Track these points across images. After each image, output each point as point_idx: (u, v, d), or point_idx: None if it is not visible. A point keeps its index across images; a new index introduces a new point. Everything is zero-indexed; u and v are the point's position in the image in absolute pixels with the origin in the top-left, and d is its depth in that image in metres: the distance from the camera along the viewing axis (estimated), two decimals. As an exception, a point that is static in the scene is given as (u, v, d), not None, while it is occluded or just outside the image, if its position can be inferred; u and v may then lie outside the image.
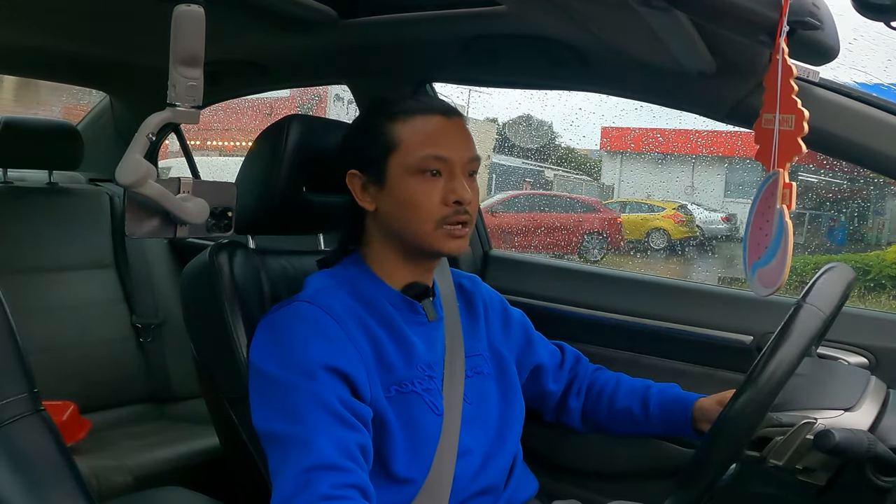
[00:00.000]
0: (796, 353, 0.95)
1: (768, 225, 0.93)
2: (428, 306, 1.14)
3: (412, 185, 1.07)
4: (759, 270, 0.94)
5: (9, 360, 0.78)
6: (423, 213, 1.07)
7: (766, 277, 0.93)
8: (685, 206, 6.68)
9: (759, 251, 0.94)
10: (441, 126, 1.09)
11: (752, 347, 1.40)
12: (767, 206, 0.93)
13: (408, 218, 1.08)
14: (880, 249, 5.35)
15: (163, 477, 1.67)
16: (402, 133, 1.08)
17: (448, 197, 1.07)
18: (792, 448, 0.99)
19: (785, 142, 0.93)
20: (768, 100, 0.94)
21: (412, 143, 1.07)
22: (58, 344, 1.94)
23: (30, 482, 0.74)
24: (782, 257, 0.90)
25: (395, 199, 1.08)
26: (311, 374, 0.97)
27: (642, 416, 1.26)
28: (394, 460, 1.03)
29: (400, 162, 1.07)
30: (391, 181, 1.08)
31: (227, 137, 7.90)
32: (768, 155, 0.94)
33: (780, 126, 0.92)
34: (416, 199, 1.07)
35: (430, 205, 1.07)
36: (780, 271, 0.90)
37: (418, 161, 1.07)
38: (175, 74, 0.89)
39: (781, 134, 0.93)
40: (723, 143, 6.27)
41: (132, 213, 0.94)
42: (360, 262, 1.14)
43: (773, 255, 0.92)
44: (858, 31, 1.35)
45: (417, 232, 1.08)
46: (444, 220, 1.07)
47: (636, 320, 1.53)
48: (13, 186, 2.05)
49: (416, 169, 1.07)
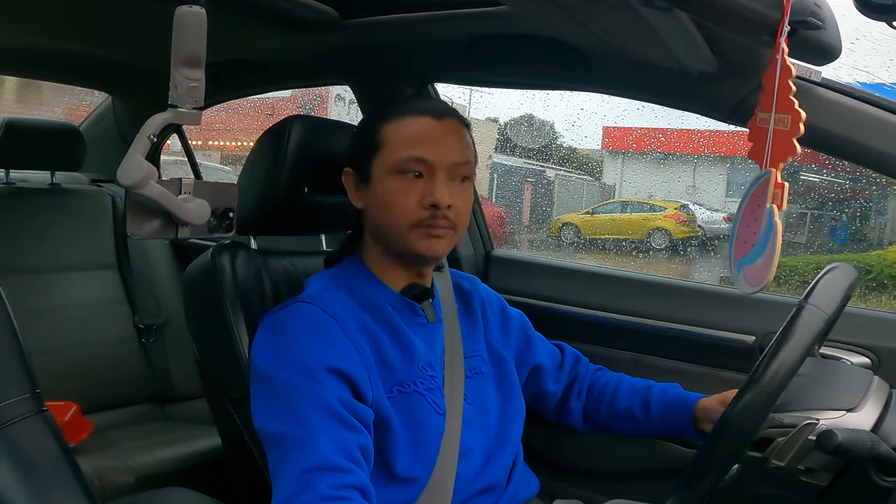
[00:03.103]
0: (799, 353, 0.95)
1: (756, 223, 0.93)
2: (427, 308, 1.14)
3: (391, 185, 1.08)
4: (745, 268, 0.95)
5: (12, 360, 0.78)
6: (399, 213, 1.07)
7: (752, 276, 0.93)
8: (687, 205, 6.67)
9: (746, 249, 0.94)
10: (428, 128, 1.09)
11: (754, 348, 1.40)
12: (757, 204, 0.93)
13: (386, 217, 1.09)
14: (882, 249, 5.33)
15: (165, 477, 1.67)
16: (388, 134, 1.09)
17: (425, 199, 1.06)
18: (794, 448, 0.99)
19: (780, 142, 0.92)
20: (765, 99, 0.94)
21: (395, 144, 1.08)
22: (60, 345, 1.94)
23: (32, 482, 0.75)
24: (769, 256, 0.90)
25: (376, 199, 1.10)
26: (311, 375, 0.98)
27: (644, 416, 1.26)
28: (396, 460, 1.04)
29: (383, 161, 1.09)
30: (374, 180, 1.10)
31: (229, 137, 7.90)
32: (761, 154, 0.94)
33: (776, 126, 0.92)
34: (394, 200, 1.07)
35: (407, 205, 1.07)
36: (767, 270, 0.90)
37: (398, 162, 1.07)
38: (176, 75, 0.89)
39: (777, 134, 0.93)
40: (725, 142, 6.27)
41: (133, 214, 0.94)
42: (358, 263, 1.15)
43: (760, 254, 0.92)
44: (860, 30, 1.35)
45: (395, 232, 1.09)
46: (420, 222, 1.07)
47: (638, 320, 1.53)
48: (15, 187, 2.06)
49: (396, 169, 1.07)
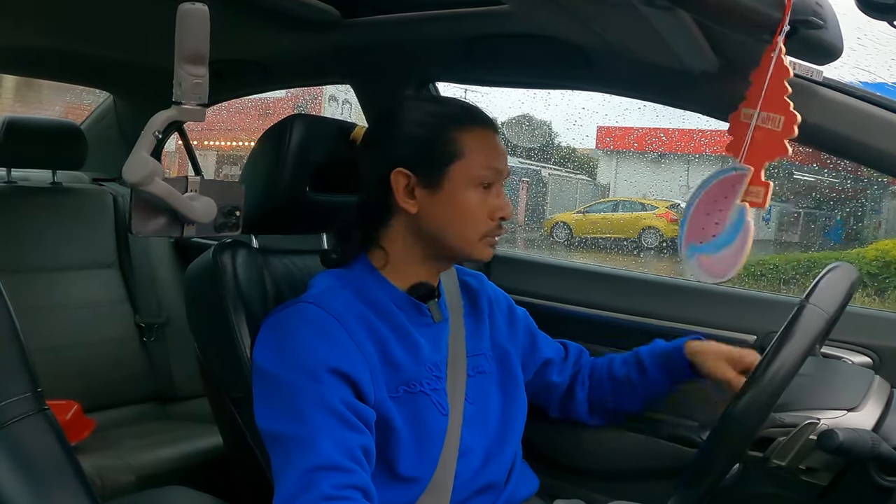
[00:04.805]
0: (799, 352, 0.95)
1: (720, 214, 0.92)
2: (433, 307, 1.14)
3: (469, 196, 1.09)
4: (701, 256, 0.95)
5: (13, 359, 0.78)
6: (472, 224, 1.09)
7: (712, 266, 0.93)
8: (678, 204, 6.67)
9: (702, 236, 0.94)
10: (495, 140, 1.13)
11: (755, 347, 1.40)
12: (724, 195, 0.93)
13: (456, 226, 1.09)
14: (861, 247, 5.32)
15: (166, 476, 1.67)
16: (468, 143, 1.09)
17: (495, 212, 1.10)
18: (795, 448, 1.00)
19: (769, 142, 0.92)
20: (752, 95, 0.94)
21: (476, 155, 1.09)
22: (61, 343, 1.94)
23: (33, 481, 0.75)
24: (737, 252, 0.90)
25: (446, 206, 1.09)
26: (314, 376, 0.98)
27: (642, 378, 1.28)
28: (399, 460, 1.04)
29: (462, 171, 1.08)
30: (448, 189, 1.08)
31: (228, 137, 7.90)
32: (739, 149, 0.94)
33: (764, 124, 0.92)
34: (470, 210, 1.09)
35: (480, 217, 1.09)
36: (732, 265, 0.90)
37: (480, 173, 1.09)
38: (180, 72, 0.89)
39: (765, 133, 0.92)
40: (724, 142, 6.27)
41: (139, 212, 0.93)
42: (364, 263, 1.14)
43: (724, 247, 0.92)
44: (862, 30, 1.35)
45: (461, 241, 1.10)
46: (488, 233, 1.10)
47: (640, 320, 1.53)
48: (17, 186, 2.06)
49: (477, 181, 1.09)
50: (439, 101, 1.16)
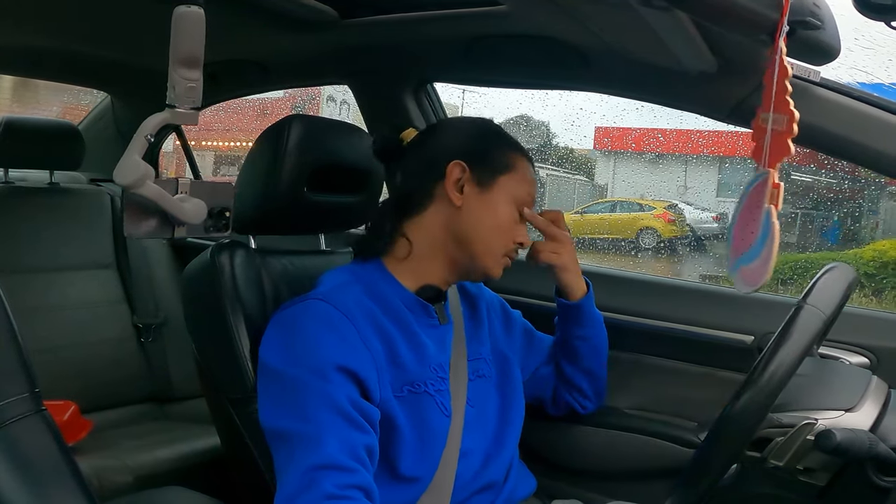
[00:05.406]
0: (797, 353, 0.95)
1: (755, 223, 0.93)
2: (440, 310, 1.15)
3: (508, 211, 1.13)
4: (743, 268, 0.95)
5: (11, 360, 0.78)
6: (499, 240, 1.12)
7: (749, 275, 0.93)
8: (676, 205, 6.67)
9: (745, 248, 0.94)
10: (533, 174, 1.18)
11: (753, 348, 1.40)
12: (756, 204, 0.93)
13: (486, 231, 1.11)
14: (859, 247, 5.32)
15: (164, 477, 1.67)
16: (518, 164, 1.14)
17: (518, 238, 1.14)
18: (793, 448, 1.00)
19: (777, 142, 0.92)
20: (766, 99, 0.94)
21: (522, 177, 1.14)
22: (59, 344, 1.94)
23: (31, 482, 0.75)
24: (766, 257, 0.90)
25: (487, 210, 1.11)
26: (321, 374, 0.97)
27: (563, 329, 1.31)
28: (401, 460, 1.04)
29: (510, 186, 1.12)
30: (494, 195, 1.12)
31: (226, 138, 7.89)
32: (761, 154, 0.94)
33: (774, 126, 0.92)
34: (505, 224, 1.12)
35: (508, 234, 1.13)
36: (764, 270, 0.90)
37: (522, 196, 1.14)
38: (174, 76, 0.89)
39: (774, 134, 0.93)
40: (723, 143, 6.27)
41: (131, 214, 0.93)
42: (376, 261, 1.14)
43: (758, 254, 0.92)
44: (860, 31, 1.35)
45: (486, 248, 1.12)
46: (508, 253, 1.14)
47: (637, 320, 1.53)
48: (14, 186, 2.06)
49: (519, 200, 1.13)
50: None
